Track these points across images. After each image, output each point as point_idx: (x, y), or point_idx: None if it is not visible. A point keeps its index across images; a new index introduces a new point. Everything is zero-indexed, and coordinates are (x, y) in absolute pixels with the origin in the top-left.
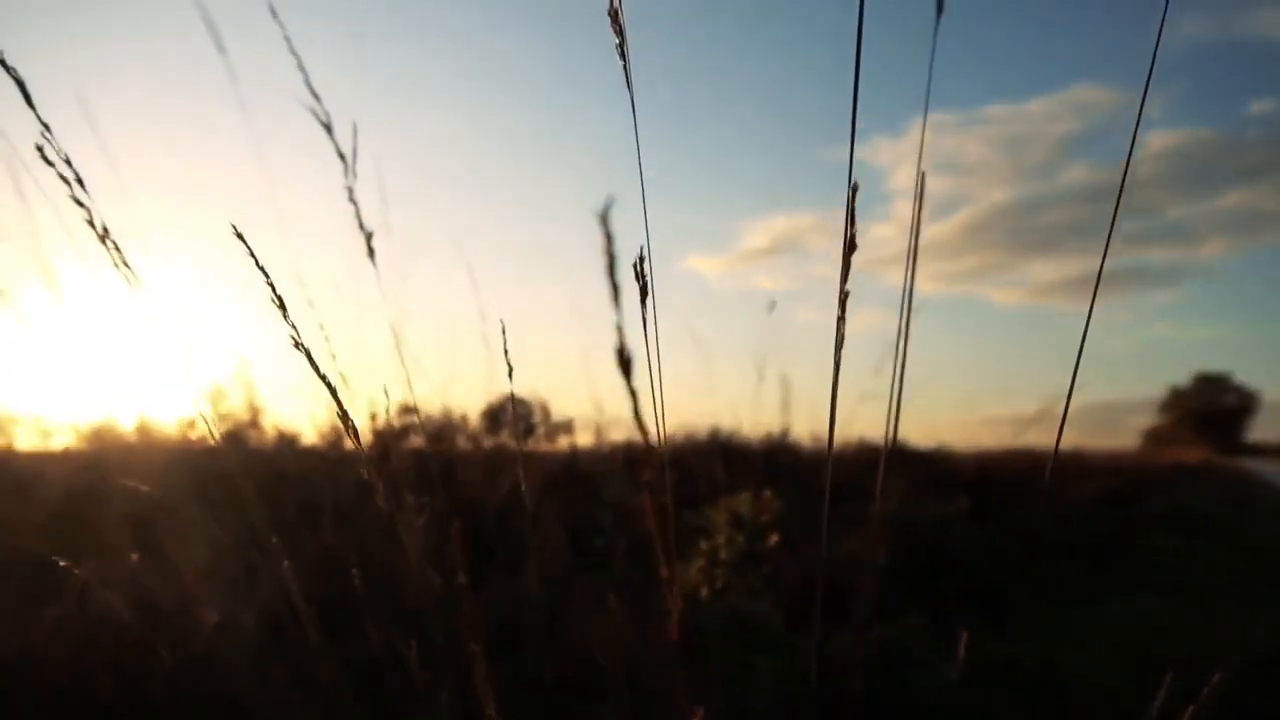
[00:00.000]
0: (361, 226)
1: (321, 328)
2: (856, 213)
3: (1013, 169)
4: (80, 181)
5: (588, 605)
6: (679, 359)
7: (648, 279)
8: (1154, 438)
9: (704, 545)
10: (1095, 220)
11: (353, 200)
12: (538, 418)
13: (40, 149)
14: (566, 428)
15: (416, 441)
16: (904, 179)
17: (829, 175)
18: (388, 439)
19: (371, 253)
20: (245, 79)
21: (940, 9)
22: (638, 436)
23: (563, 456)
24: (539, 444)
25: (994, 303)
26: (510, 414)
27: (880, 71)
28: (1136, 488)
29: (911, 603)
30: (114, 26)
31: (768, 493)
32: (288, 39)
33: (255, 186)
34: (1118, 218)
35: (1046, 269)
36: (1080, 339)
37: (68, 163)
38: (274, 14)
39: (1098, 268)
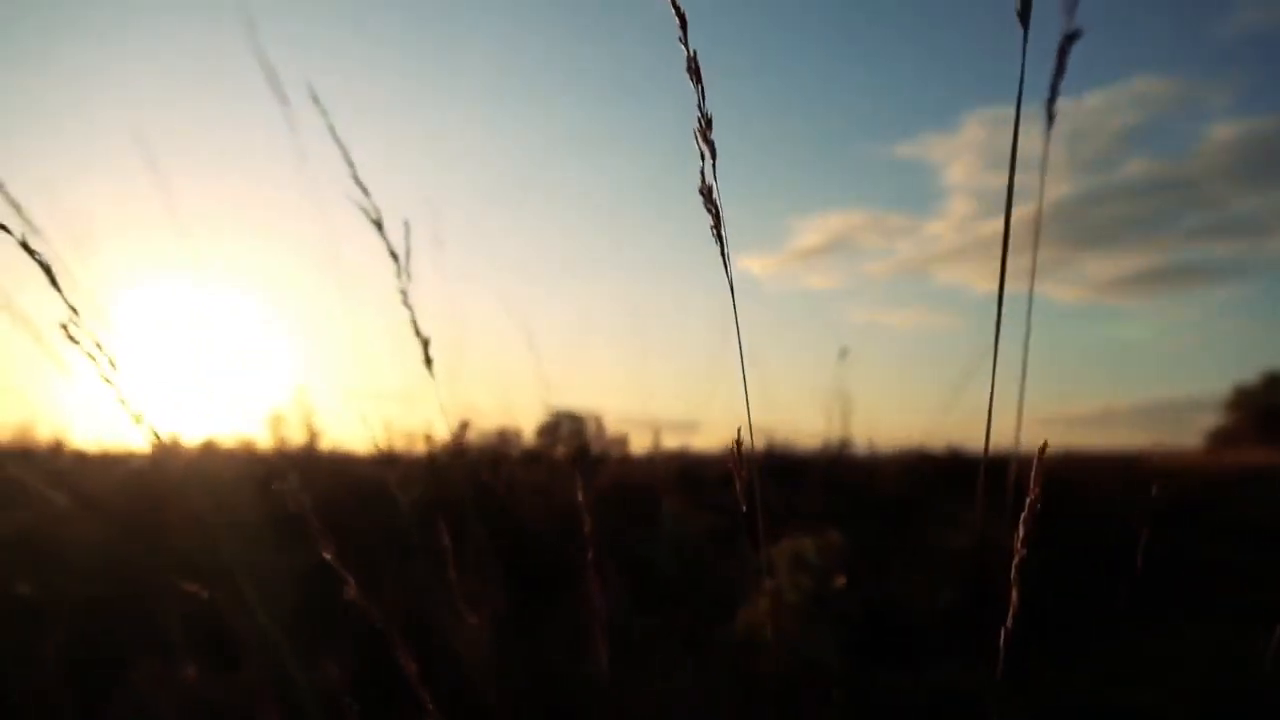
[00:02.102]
0: (418, 333)
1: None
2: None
3: (1071, 163)
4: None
5: (652, 666)
6: (730, 362)
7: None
8: (1218, 438)
9: (767, 584)
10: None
11: (407, 305)
12: (591, 431)
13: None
14: (621, 442)
15: (470, 459)
16: (958, 175)
17: (880, 172)
18: (440, 461)
19: (429, 361)
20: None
21: (1026, 24)
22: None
23: (617, 471)
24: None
25: (1052, 300)
26: (564, 429)
27: (931, 67)
28: (1203, 495)
29: (975, 636)
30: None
31: (833, 532)
32: (331, 128)
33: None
34: (1174, 214)
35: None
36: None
37: (98, 346)
38: (316, 100)
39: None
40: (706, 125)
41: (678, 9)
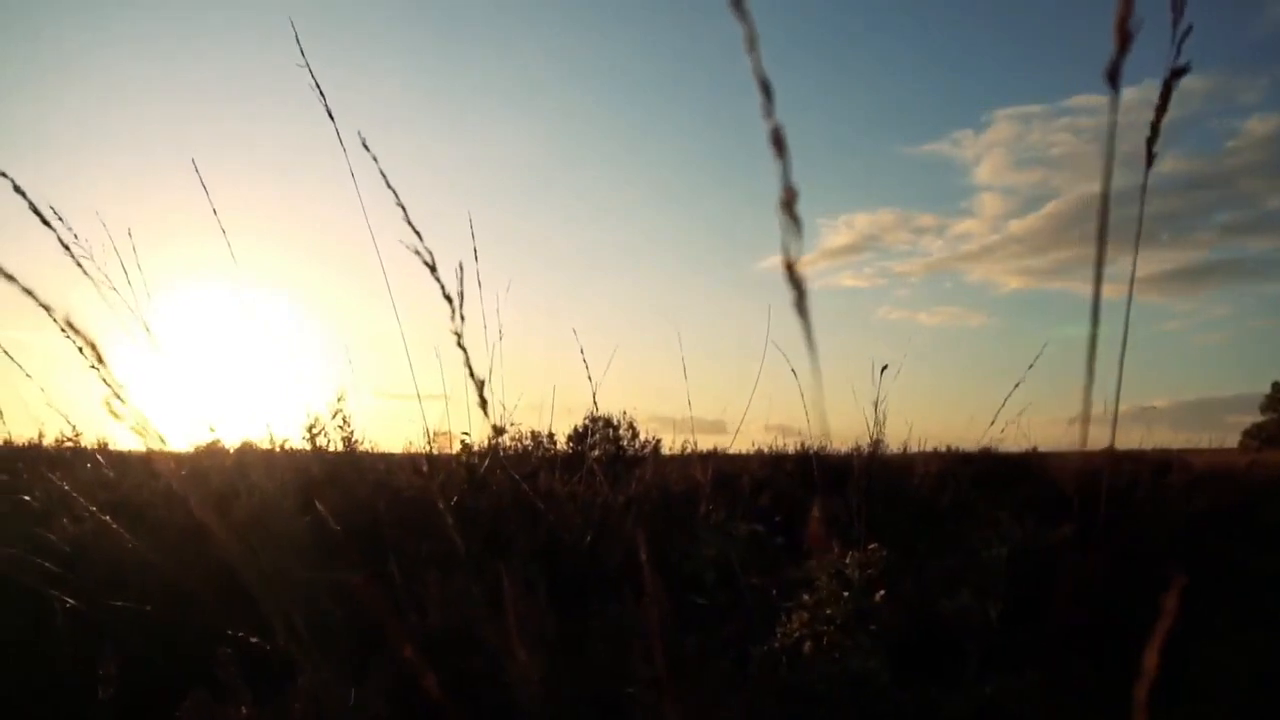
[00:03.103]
0: (472, 374)
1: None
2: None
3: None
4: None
5: (694, 681)
6: (767, 363)
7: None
8: (1255, 436)
9: (807, 598)
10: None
11: (461, 346)
12: (625, 436)
13: None
14: (654, 447)
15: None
16: (986, 173)
17: (909, 171)
18: (478, 471)
19: (484, 403)
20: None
21: (1150, 162)
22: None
23: (652, 476)
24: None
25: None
26: (597, 434)
27: (959, 65)
28: (1243, 497)
29: (1023, 646)
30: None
31: (873, 545)
32: (383, 173)
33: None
34: (1208, 210)
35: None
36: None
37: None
38: (365, 145)
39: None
40: (791, 198)
41: (764, 84)
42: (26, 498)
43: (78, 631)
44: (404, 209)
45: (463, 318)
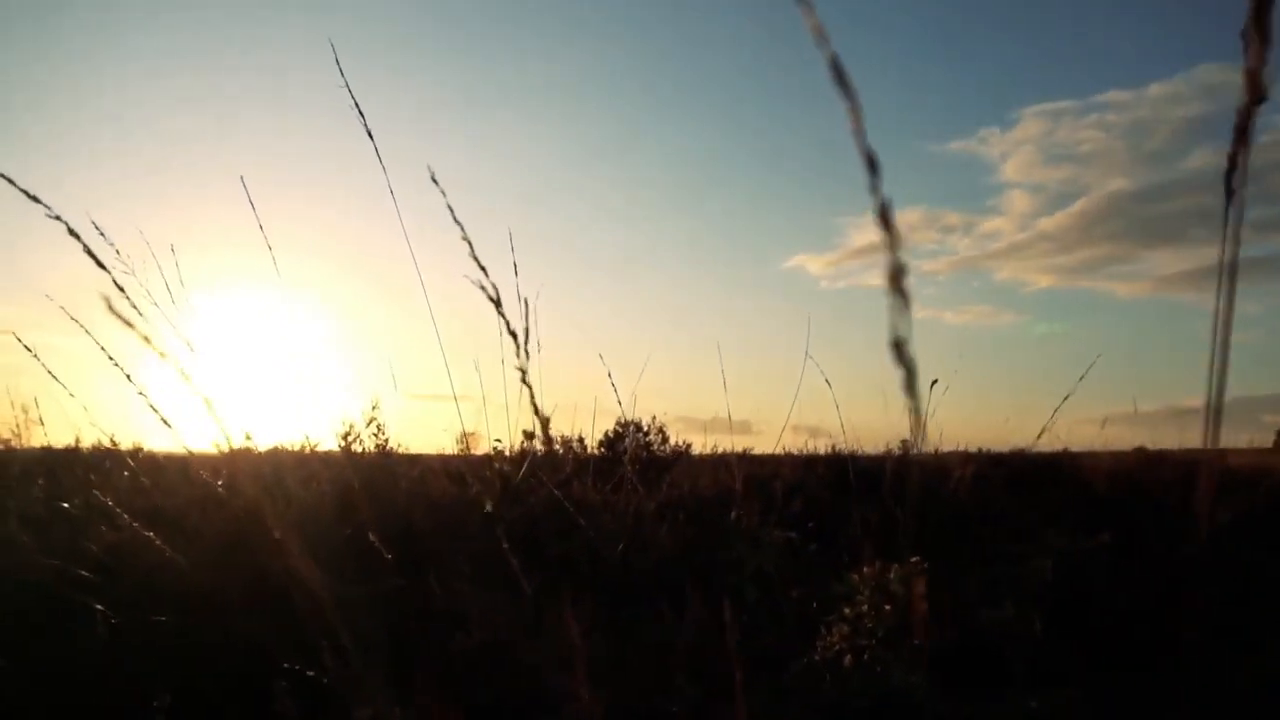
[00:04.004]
0: (537, 412)
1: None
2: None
3: (1132, 156)
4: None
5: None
6: (792, 363)
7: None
8: None
9: (848, 611)
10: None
11: (526, 383)
12: (655, 440)
13: None
14: (685, 451)
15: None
16: (1014, 171)
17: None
18: (512, 479)
19: (549, 441)
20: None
21: (1230, 198)
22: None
23: (684, 482)
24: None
25: (1116, 296)
26: (628, 439)
27: (988, 61)
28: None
29: (1067, 658)
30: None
31: (915, 558)
32: (450, 207)
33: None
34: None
35: (1170, 259)
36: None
37: None
38: (433, 178)
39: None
40: (899, 273)
41: (871, 159)
42: (65, 505)
43: (122, 648)
44: (469, 243)
45: (528, 354)
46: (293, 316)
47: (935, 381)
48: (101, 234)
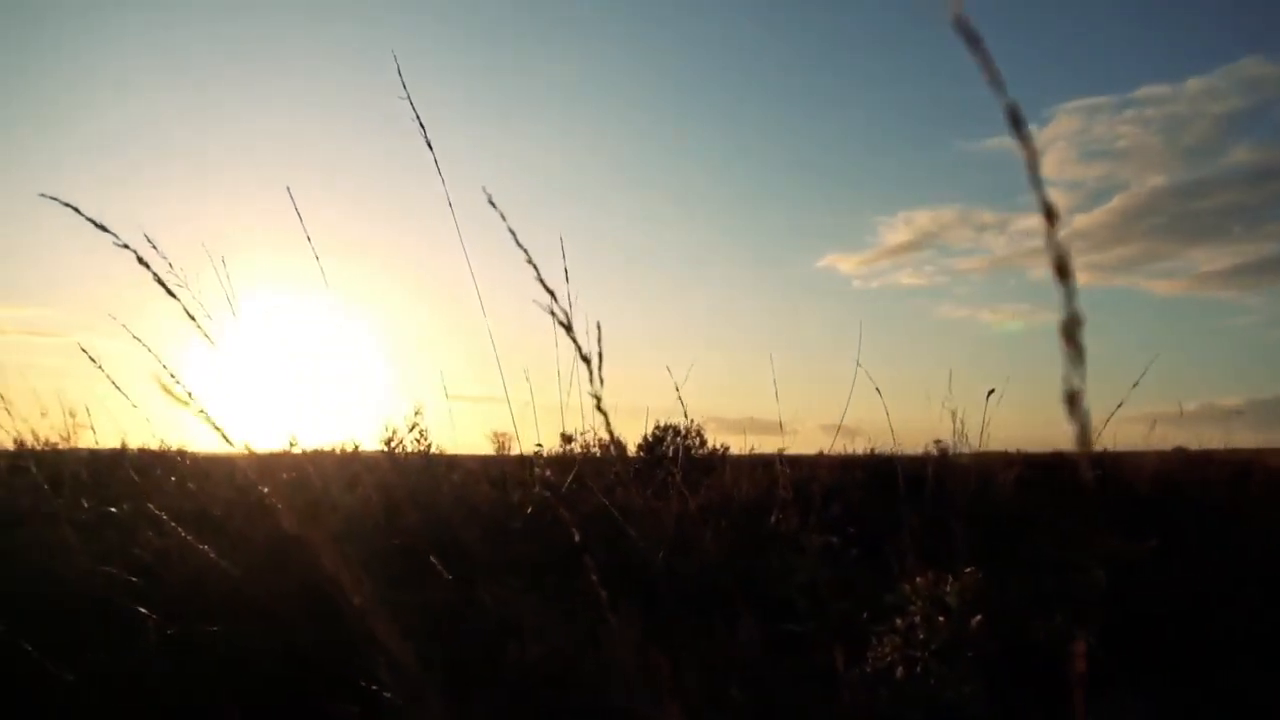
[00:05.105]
0: (612, 436)
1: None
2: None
3: (1170, 152)
4: None
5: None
6: (821, 361)
7: None
8: None
9: (899, 622)
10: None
11: (601, 409)
12: (694, 444)
13: None
14: (723, 454)
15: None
16: (1051, 168)
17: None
18: (558, 488)
19: (625, 461)
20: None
21: None
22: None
23: (725, 486)
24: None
25: (1154, 294)
26: (668, 443)
27: (1021, 57)
28: None
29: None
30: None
31: (969, 569)
32: (512, 231)
33: None
34: None
35: (1209, 257)
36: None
37: None
38: (491, 202)
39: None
40: (1075, 324)
41: (1049, 208)
42: (113, 510)
43: (172, 655)
44: (535, 267)
45: (602, 380)
46: (337, 322)
47: (991, 391)
48: (154, 247)
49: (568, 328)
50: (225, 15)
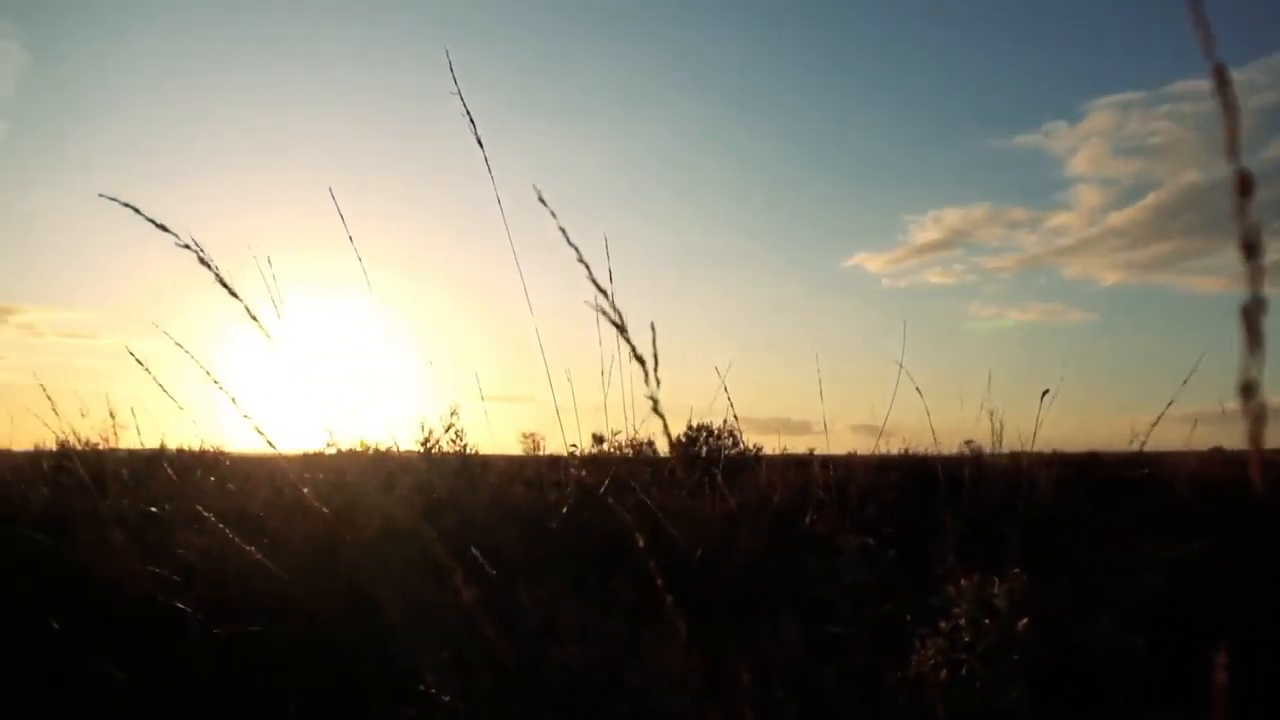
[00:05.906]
0: (669, 438)
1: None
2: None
3: (1207, 147)
4: None
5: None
6: (850, 361)
7: None
8: None
9: (943, 625)
10: None
11: (658, 412)
12: (726, 444)
13: None
14: (755, 455)
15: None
16: (1082, 165)
17: (999, 165)
18: (594, 491)
19: (686, 466)
20: None
21: None
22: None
23: (761, 487)
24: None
25: (1191, 292)
26: (701, 444)
27: (1053, 54)
28: None
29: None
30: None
31: (1016, 570)
32: (563, 229)
33: None
34: None
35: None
36: None
37: None
38: (541, 199)
39: None
40: (1259, 307)
41: (1245, 176)
42: (154, 509)
43: (217, 654)
44: (587, 266)
45: (659, 381)
46: (377, 321)
47: (1046, 391)
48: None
49: (620, 328)
50: (268, 16)
